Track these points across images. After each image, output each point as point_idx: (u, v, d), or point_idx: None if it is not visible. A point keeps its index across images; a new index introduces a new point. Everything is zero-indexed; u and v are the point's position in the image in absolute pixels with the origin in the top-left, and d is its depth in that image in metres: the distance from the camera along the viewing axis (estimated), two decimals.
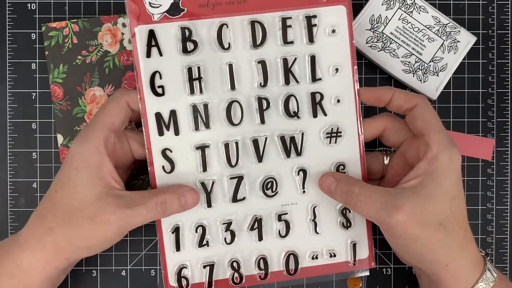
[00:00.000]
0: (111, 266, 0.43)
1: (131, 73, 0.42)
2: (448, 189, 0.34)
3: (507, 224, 0.44)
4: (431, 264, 0.35)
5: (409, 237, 0.34)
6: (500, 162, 0.44)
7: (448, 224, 0.34)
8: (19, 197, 0.43)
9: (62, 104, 0.42)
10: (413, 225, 0.33)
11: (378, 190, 0.35)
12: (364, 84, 0.44)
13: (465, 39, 0.42)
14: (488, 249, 0.44)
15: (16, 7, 0.43)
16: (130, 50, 0.42)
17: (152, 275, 0.43)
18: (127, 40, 0.42)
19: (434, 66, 0.42)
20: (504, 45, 0.44)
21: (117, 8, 0.43)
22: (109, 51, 0.42)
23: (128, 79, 0.42)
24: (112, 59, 0.42)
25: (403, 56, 0.42)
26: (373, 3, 0.42)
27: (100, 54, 0.42)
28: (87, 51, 0.42)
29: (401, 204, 0.33)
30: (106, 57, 0.42)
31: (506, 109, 0.44)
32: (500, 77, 0.44)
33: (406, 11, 0.42)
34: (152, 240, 0.43)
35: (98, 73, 0.42)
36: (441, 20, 0.42)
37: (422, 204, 0.33)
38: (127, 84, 0.42)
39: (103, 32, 0.42)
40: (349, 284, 0.43)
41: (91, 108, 0.42)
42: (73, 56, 0.42)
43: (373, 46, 0.42)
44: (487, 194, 0.44)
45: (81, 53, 0.42)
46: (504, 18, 0.44)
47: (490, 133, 0.44)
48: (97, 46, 0.42)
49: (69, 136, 0.42)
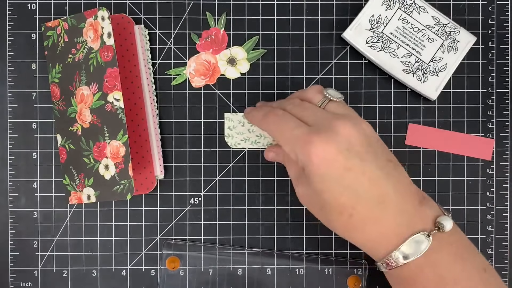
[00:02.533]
0: (111, 266, 0.43)
1: (111, 70, 0.39)
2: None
3: (507, 224, 0.44)
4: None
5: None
6: (500, 162, 0.44)
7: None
8: (19, 197, 0.43)
9: (60, 104, 0.42)
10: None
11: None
12: (364, 83, 0.44)
13: (465, 39, 0.42)
14: (488, 248, 0.44)
15: (16, 7, 0.43)
16: (109, 45, 0.39)
17: (152, 275, 0.43)
18: (106, 34, 0.39)
19: (434, 66, 0.42)
20: (504, 45, 0.44)
21: (117, 8, 0.43)
22: (92, 48, 0.40)
23: (109, 76, 0.39)
24: (95, 56, 0.40)
25: (403, 56, 0.42)
26: (373, 3, 0.42)
27: (86, 51, 0.40)
28: (75, 49, 0.41)
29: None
30: (90, 54, 0.40)
31: (506, 109, 0.44)
32: (500, 77, 0.44)
33: (406, 11, 0.42)
34: (152, 240, 0.43)
35: (85, 72, 0.40)
36: (441, 20, 0.42)
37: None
38: (108, 82, 0.39)
39: (87, 27, 0.40)
40: (349, 284, 0.43)
41: (81, 108, 0.41)
42: (65, 55, 0.41)
43: (373, 46, 0.42)
44: (487, 194, 0.44)
45: (71, 51, 0.41)
46: (504, 18, 0.44)
47: (490, 133, 0.44)
48: (83, 43, 0.40)
49: (66, 137, 0.42)
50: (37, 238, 0.43)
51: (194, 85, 0.43)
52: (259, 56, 0.43)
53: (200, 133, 0.43)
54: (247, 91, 0.44)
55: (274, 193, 0.44)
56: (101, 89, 0.39)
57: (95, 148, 0.40)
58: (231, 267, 0.43)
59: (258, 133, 0.43)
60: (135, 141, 0.42)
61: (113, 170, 0.39)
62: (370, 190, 0.32)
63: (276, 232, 0.44)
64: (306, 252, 0.43)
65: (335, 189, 0.32)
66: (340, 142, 0.32)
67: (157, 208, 0.43)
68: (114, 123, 0.39)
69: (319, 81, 0.44)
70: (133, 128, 0.42)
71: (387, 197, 0.33)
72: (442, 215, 0.33)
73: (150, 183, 0.42)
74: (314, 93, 0.37)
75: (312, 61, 0.44)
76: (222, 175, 0.44)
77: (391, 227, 0.33)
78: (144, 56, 0.42)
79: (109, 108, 0.39)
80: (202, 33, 0.43)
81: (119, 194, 0.39)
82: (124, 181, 0.39)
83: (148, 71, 0.42)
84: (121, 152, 0.39)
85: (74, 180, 0.41)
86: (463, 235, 0.35)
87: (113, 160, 0.39)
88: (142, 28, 0.43)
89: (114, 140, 0.39)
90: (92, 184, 0.40)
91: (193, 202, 0.44)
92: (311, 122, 0.34)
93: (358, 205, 0.32)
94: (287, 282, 0.43)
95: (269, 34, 0.44)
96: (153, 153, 0.42)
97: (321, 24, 0.44)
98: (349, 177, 0.32)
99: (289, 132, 0.34)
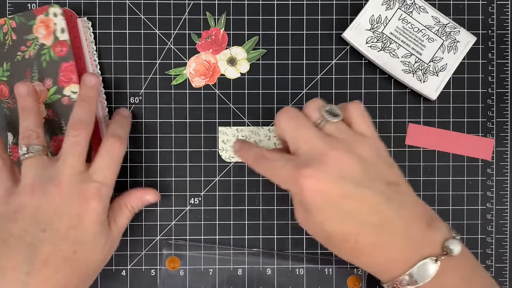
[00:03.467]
0: (111, 266, 0.43)
1: (66, 64, 0.40)
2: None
3: (507, 224, 0.44)
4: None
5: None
6: (500, 162, 0.44)
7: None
8: None
9: (9, 102, 0.42)
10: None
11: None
12: (364, 84, 0.44)
13: (465, 39, 0.42)
14: (488, 248, 0.44)
15: (16, 7, 0.43)
16: (63, 40, 0.40)
17: (152, 275, 0.43)
18: (60, 30, 0.40)
19: (434, 66, 0.42)
20: (504, 45, 0.44)
21: (117, 7, 0.43)
22: (44, 44, 0.40)
23: (64, 70, 0.40)
24: (48, 52, 0.40)
25: (403, 56, 0.42)
26: (373, 3, 0.42)
27: (37, 47, 0.40)
28: (25, 46, 0.41)
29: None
30: (43, 50, 0.40)
31: (506, 109, 0.44)
32: (500, 77, 0.44)
33: (406, 11, 0.42)
34: (152, 240, 0.43)
35: (37, 68, 0.40)
36: (441, 20, 0.42)
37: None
38: (63, 76, 0.40)
39: (37, 25, 0.40)
40: (349, 284, 0.43)
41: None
42: (14, 52, 0.41)
43: (373, 46, 0.42)
44: (487, 194, 0.44)
45: (20, 48, 0.41)
46: (504, 18, 0.44)
47: (490, 133, 0.44)
48: (33, 40, 0.40)
49: (17, 134, 0.41)
50: None
51: (194, 85, 0.43)
52: (259, 56, 0.43)
53: (200, 133, 0.43)
54: (247, 91, 0.44)
55: (274, 193, 0.44)
56: (56, 83, 0.40)
57: (52, 142, 0.40)
58: (231, 267, 0.43)
59: None
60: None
61: None
62: (371, 217, 0.32)
63: (276, 232, 0.44)
64: (306, 252, 0.43)
65: (335, 218, 0.32)
66: (331, 172, 0.32)
67: (157, 208, 0.43)
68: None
69: (319, 81, 0.44)
70: None
71: (390, 222, 0.32)
72: (451, 238, 0.33)
73: None
74: (312, 110, 0.35)
75: (312, 61, 0.44)
76: (222, 175, 0.44)
77: (398, 252, 0.32)
78: (89, 48, 0.42)
79: (66, 102, 0.40)
80: (202, 33, 0.43)
81: None
82: None
83: (94, 63, 0.42)
84: None
85: None
86: (471, 255, 0.34)
87: None
88: (85, 20, 0.42)
89: None
90: None
91: (193, 202, 0.44)
92: (302, 150, 0.34)
93: (362, 230, 0.32)
94: (287, 282, 0.43)
95: (269, 34, 0.44)
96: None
97: (321, 24, 0.44)
98: (347, 205, 0.32)
99: (279, 172, 0.34)
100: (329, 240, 0.33)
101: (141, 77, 0.43)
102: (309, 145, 0.33)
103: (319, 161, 0.32)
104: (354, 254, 0.33)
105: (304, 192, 0.32)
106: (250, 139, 0.43)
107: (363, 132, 0.35)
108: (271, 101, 0.44)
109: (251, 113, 0.44)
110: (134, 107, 0.43)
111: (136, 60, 0.43)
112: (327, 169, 0.32)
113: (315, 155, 0.33)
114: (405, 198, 0.33)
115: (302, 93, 0.44)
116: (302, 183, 0.32)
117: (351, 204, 0.32)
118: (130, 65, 0.43)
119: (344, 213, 0.32)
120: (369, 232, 0.32)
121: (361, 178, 0.32)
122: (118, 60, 0.43)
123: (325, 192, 0.32)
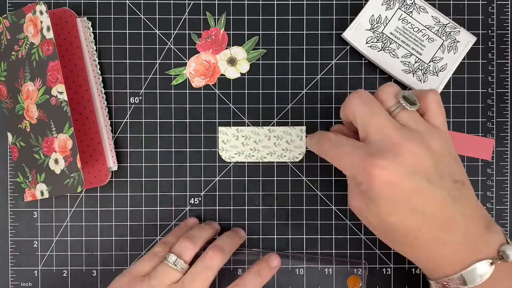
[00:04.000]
0: (111, 266, 0.43)
1: (53, 63, 0.39)
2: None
3: (507, 224, 0.44)
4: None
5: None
6: (500, 162, 0.44)
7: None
8: (19, 197, 0.43)
9: (7, 102, 0.42)
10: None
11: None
12: (364, 84, 0.44)
13: (465, 39, 0.42)
14: None
15: (16, 7, 0.43)
16: (49, 39, 0.39)
17: None
18: (46, 28, 0.39)
19: (434, 66, 0.42)
20: (504, 45, 0.44)
21: (117, 7, 0.43)
22: (33, 43, 0.40)
23: (51, 70, 0.39)
24: (36, 51, 0.39)
25: (403, 56, 0.42)
26: (373, 3, 0.42)
27: (27, 47, 0.40)
28: (18, 46, 0.40)
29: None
30: (32, 49, 0.40)
31: (506, 109, 0.44)
32: (500, 77, 0.44)
33: (406, 11, 0.42)
34: (152, 240, 0.43)
35: (28, 67, 0.40)
36: (441, 20, 0.42)
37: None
38: (51, 76, 0.39)
39: (27, 23, 0.40)
40: (349, 284, 0.43)
41: (27, 104, 0.41)
42: (9, 52, 0.41)
43: (373, 46, 0.42)
44: (487, 194, 0.44)
45: (14, 48, 0.41)
46: (504, 18, 0.44)
47: (490, 133, 0.44)
48: (24, 39, 0.40)
49: (16, 134, 0.41)
50: (37, 238, 0.43)
51: (194, 85, 0.43)
52: (259, 56, 0.43)
53: (200, 133, 0.43)
54: (247, 91, 0.44)
55: (274, 193, 0.44)
56: (44, 83, 0.39)
57: (44, 143, 0.40)
58: (231, 267, 0.43)
59: (252, 146, 0.43)
60: (85, 134, 0.42)
61: (63, 164, 0.39)
62: (436, 213, 0.31)
63: (276, 232, 0.44)
64: (306, 252, 0.43)
65: (401, 212, 0.31)
66: (405, 165, 0.31)
67: (157, 208, 0.43)
68: (59, 117, 0.39)
69: (319, 81, 0.44)
70: (82, 121, 0.42)
71: (453, 221, 0.32)
72: (506, 243, 0.33)
73: (104, 175, 0.42)
74: (388, 96, 0.34)
75: (312, 61, 0.44)
76: (222, 175, 0.44)
77: (455, 251, 0.32)
78: (88, 48, 0.42)
79: (54, 102, 0.39)
80: (202, 33, 0.43)
81: (70, 188, 0.39)
82: (73, 174, 0.39)
83: (93, 63, 0.42)
84: (68, 145, 0.39)
85: (27, 177, 0.41)
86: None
87: (61, 154, 0.39)
88: (85, 20, 0.42)
89: (61, 133, 0.39)
90: (44, 179, 0.40)
91: (193, 202, 0.44)
92: (374, 137, 0.32)
93: (424, 226, 0.32)
94: (287, 282, 0.43)
95: (269, 34, 0.44)
96: (104, 145, 0.42)
97: (321, 24, 0.44)
98: (415, 200, 0.31)
99: (347, 158, 0.33)
100: (388, 232, 0.33)
101: (141, 77, 0.43)
102: (382, 134, 0.32)
103: (392, 152, 0.31)
104: (411, 248, 0.33)
105: (374, 182, 0.31)
106: (250, 139, 0.43)
107: (437, 124, 0.34)
108: (271, 101, 0.44)
109: (251, 113, 0.44)
110: (134, 107, 0.43)
111: (136, 60, 0.43)
112: (400, 161, 0.31)
113: (389, 145, 0.31)
114: (468, 198, 0.33)
115: (302, 93, 0.44)
116: (373, 172, 0.31)
117: (419, 199, 0.31)
118: (130, 65, 0.43)
119: (411, 208, 0.31)
120: (431, 228, 0.32)
121: (432, 174, 0.31)
122: (118, 60, 0.43)
123: (396, 185, 0.31)
